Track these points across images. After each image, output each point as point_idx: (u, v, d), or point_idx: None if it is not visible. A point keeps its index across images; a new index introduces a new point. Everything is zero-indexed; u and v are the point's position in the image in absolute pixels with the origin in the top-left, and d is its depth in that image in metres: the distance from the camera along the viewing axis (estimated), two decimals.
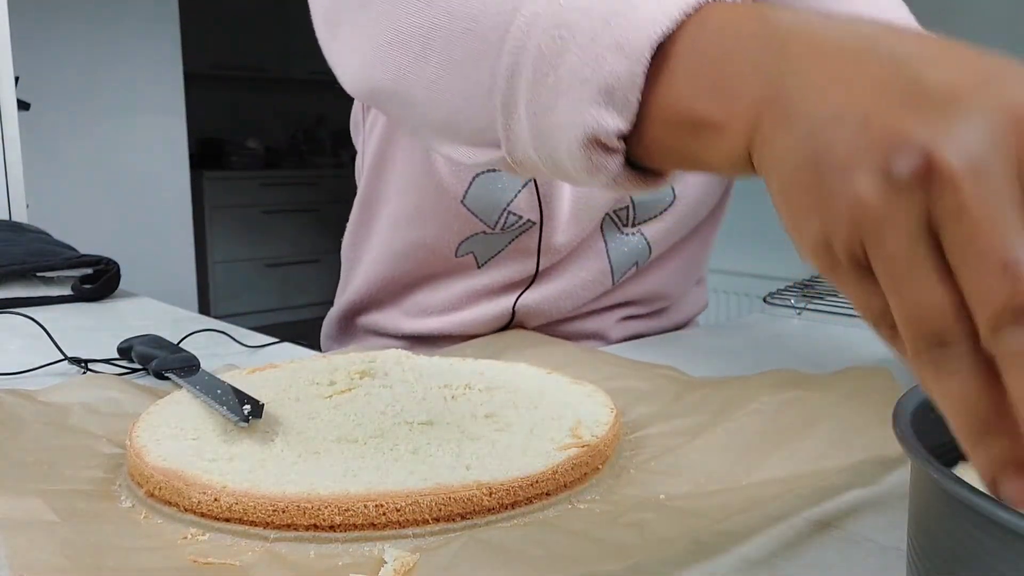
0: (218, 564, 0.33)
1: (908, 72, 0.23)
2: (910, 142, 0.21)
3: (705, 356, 0.70)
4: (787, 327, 0.80)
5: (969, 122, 0.21)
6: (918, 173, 0.21)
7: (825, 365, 0.66)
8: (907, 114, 0.22)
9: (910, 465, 0.27)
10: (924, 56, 0.23)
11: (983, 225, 0.20)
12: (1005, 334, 0.20)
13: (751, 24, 0.28)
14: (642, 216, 0.74)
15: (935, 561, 0.25)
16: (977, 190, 0.21)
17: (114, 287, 1.01)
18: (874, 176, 0.22)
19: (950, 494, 0.23)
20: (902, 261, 0.22)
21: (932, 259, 0.22)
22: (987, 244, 0.20)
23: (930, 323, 0.22)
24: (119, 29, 3.18)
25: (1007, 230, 0.20)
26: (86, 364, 0.64)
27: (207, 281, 4.08)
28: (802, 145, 0.24)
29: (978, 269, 0.21)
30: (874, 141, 0.22)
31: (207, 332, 0.75)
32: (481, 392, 0.50)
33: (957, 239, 0.21)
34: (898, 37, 0.25)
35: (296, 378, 0.52)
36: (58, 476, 0.41)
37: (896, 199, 0.22)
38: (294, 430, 0.43)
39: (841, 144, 0.23)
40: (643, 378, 0.56)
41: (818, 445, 0.42)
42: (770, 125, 0.26)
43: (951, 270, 0.21)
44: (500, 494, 0.37)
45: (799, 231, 0.26)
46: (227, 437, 0.42)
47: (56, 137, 3.07)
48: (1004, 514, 0.21)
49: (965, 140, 0.21)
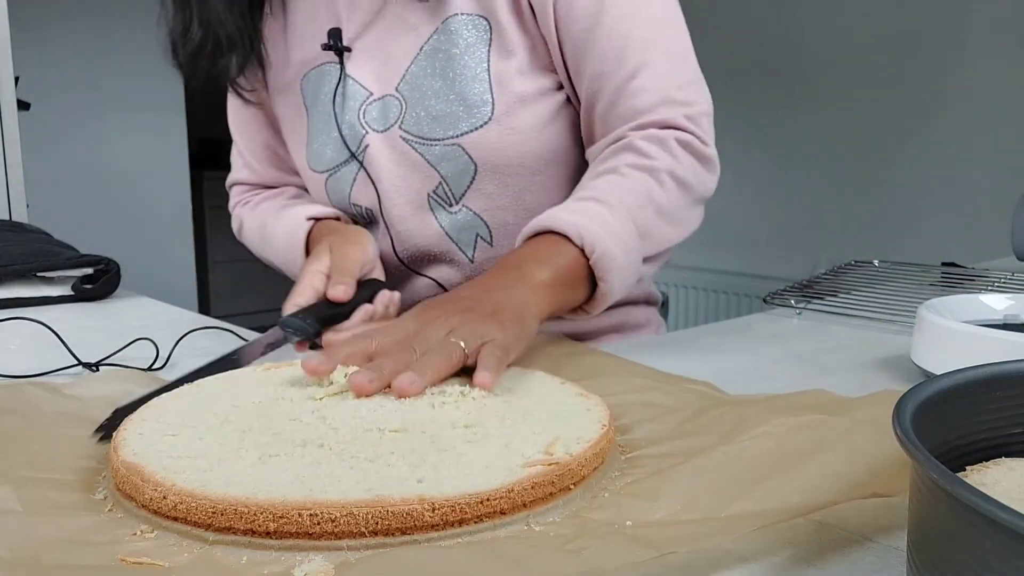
0: (147, 564, 0.33)
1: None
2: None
3: (705, 356, 0.70)
4: (787, 327, 0.80)
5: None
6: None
7: (825, 365, 0.66)
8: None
9: (910, 465, 0.27)
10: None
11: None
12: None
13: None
14: (458, 191, 0.80)
15: (935, 561, 0.25)
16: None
17: (114, 287, 1.01)
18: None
19: (950, 494, 0.23)
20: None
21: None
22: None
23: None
24: (119, 29, 3.18)
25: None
26: (96, 367, 0.64)
27: (207, 281, 4.08)
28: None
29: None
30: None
31: (208, 330, 0.75)
32: (475, 400, 0.48)
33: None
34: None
35: (300, 377, 0.52)
36: (50, 465, 0.43)
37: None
38: (269, 431, 0.43)
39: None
40: (671, 393, 0.53)
41: (811, 478, 0.38)
42: None
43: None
44: (444, 510, 0.35)
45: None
46: (203, 434, 0.43)
47: (56, 137, 3.07)
48: (1004, 514, 0.21)
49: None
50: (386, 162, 0.81)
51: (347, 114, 0.82)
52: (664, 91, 0.73)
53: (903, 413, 0.28)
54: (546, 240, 0.65)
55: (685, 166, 0.72)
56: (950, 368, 0.32)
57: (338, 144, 0.83)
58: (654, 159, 0.71)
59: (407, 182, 0.81)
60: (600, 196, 0.68)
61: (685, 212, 0.74)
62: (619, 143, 0.73)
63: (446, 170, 0.79)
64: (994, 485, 0.31)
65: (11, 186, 1.67)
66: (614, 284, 0.66)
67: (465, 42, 0.76)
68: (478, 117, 0.76)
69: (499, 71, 0.76)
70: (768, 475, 0.38)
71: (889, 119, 2.66)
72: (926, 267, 1.06)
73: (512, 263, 0.64)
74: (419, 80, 0.78)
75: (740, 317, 0.87)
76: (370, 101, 0.81)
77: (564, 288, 0.64)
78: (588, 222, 0.64)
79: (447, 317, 0.55)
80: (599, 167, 0.73)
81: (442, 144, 0.78)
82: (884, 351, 0.69)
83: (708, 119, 0.76)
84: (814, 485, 0.37)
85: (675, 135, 0.72)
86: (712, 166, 0.75)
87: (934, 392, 0.30)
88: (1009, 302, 0.65)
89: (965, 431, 0.32)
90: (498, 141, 0.77)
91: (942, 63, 2.52)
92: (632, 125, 0.73)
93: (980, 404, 0.32)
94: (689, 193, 0.73)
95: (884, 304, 0.85)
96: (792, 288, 0.91)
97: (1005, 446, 0.33)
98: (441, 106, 0.77)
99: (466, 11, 0.76)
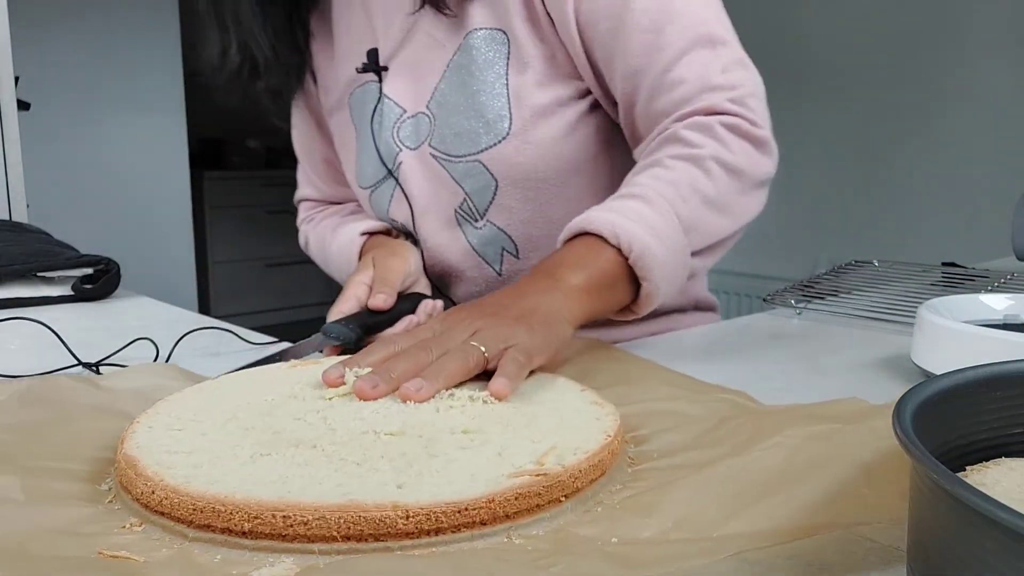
0: (123, 558, 0.33)
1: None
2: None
3: (705, 356, 0.70)
4: (787, 327, 0.80)
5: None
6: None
7: (825, 365, 0.66)
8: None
9: (911, 465, 0.27)
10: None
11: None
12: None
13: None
14: (481, 207, 0.80)
15: (935, 561, 0.25)
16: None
17: (114, 287, 1.01)
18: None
19: (950, 494, 0.23)
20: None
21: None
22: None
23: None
24: (119, 29, 3.18)
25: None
26: (97, 367, 0.64)
27: (207, 281, 4.08)
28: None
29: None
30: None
31: (208, 330, 0.75)
32: (482, 404, 0.46)
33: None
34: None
35: (317, 376, 0.51)
36: (66, 455, 0.44)
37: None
38: (271, 430, 0.43)
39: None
40: (699, 402, 0.51)
41: (815, 495, 0.36)
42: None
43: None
44: (419, 518, 0.34)
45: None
46: (207, 430, 0.43)
47: (56, 137, 3.07)
48: (1004, 514, 0.21)
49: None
50: (418, 179, 0.82)
51: (384, 132, 0.83)
52: (704, 78, 0.69)
53: (903, 413, 0.28)
54: (583, 242, 0.63)
55: (735, 151, 0.68)
56: (950, 368, 0.32)
57: (376, 161, 0.84)
58: (698, 147, 0.67)
59: (436, 198, 0.82)
60: (639, 192, 0.65)
61: (738, 199, 0.69)
62: (662, 135, 0.70)
63: (469, 186, 0.79)
64: (994, 485, 0.31)
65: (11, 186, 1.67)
66: (659, 283, 0.63)
67: (484, 58, 0.76)
68: (496, 133, 0.76)
69: (517, 85, 0.75)
70: (771, 491, 0.37)
71: (889, 119, 2.66)
72: (926, 267, 1.06)
73: (545, 268, 0.62)
74: (446, 97, 0.78)
75: (740, 317, 0.87)
76: (404, 119, 0.81)
77: (602, 291, 0.61)
78: (623, 220, 0.62)
79: (472, 320, 0.54)
80: (643, 162, 0.70)
81: (464, 161, 0.78)
82: (884, 351, 0.69)
83: (757, 99, 0.71)
84: (815, 505, 0.36)
85: (720, 120, 0.69)
86: (767, 148, 0.71)
87: (934, 392, 0.30)
88: (1009, 302, 0.65)
89: (965, 431, 0.32)
90: (516, 156, 0.76)
91: (942, 63, 2.52)
92: (675, 116, 0.70)
93: (980, 404, 0.32)
94: (741, 179, 0.69)
95: (884, 304, 0.85)
96: (792, 288, 0.91)
97: (1005, 446, 0.33)
98: (463, 123, 0.77)
99: (484, 25, 0.75)
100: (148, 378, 0.58)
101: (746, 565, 0.32)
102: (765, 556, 0.33)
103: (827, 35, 2.78)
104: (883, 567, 0.33)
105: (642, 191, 0.65)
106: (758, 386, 0.55)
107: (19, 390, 0.53)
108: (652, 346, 0.74)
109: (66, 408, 0.52)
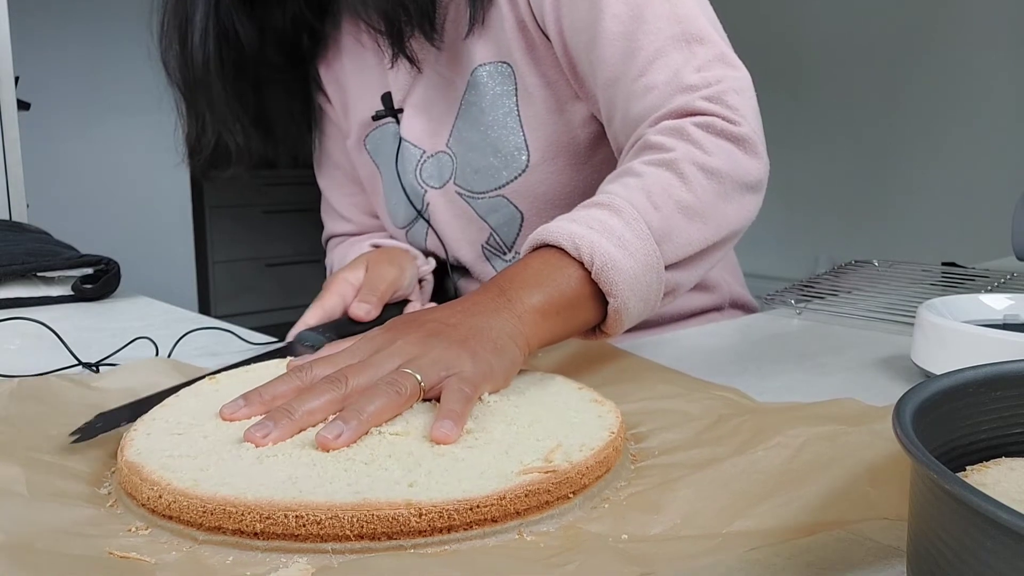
0: (133, 559, 0.33)
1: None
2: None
3: (705, 356, 0.70)
4: (787, 327, 0.80)
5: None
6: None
7: (825, 365, 0.66)
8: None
9: (910, 465, 0.27)
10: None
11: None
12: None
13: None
14: (508, 240, 0.81)
15: (935, 561, 0.25)
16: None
17: (114, 287, 1.01)
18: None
19: (950, 494, 0.23)
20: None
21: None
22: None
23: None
24: (119, 29, 3.18)
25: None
26: (96, 367, 0.64)
27: (207, 281, 4.07)
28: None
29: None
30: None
31: (208, 330, 0.75)
32: (482, 403, 0.46)
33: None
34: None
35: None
36: (63, 451, 0.44)
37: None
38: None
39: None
40: (696, 400, 0.51)
41: (821, 494, 0.36)
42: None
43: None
44: (431, 516, 0.34)
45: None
46: (208, 432, 0.43)
47: (56, 137, 3.07)
48: (1004, 514, 0.21)
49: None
50: (447, 216, 0.82)
51: (407, 174, 0.83)
52: (676, 80, 0.65)
53: (903, 413, 0.28)
54: (542, 255, 0.56)
55: (710, 151, 0.62)
56: (950, 368, 0.32)
57: (406, 203, 0.85)
58: (670, 150, 0.61)
59: (465, 234, 0.83)
60: (606, 200, 0.59)
61: (718, 205, 0.62)
62: (637, 144, 0.65)
63: (495, 221, 0.80)
64: (994, 485, 0.31)
65: (11, 186, 1.67)
66: (627, 299, 0.56)
67: (492, 93, 0.75)
68: (516, 167, 0.76)
69: (529, 117, 0.75)
70: (776, 490, 0.37)
71: (889, 119, 2.66)
72: (926, 267, 1.06)
73: (499, 285, 0.54)
74: (463, 135, 0.78)
75: (740, 317, 0.87)
76: (424, 159, 0.82)
77: (562, 311, 0.55)
78: (585, 230, 0.55)
79: (407, 342, 0.47)
80: (616, 170, 0.64)
81: (487, 196, 0.78)
82: (884, 351, 0.69)
83: (738, 95, 0.65)
84: (820, 503, 0.36)
85: (693, 120, 0.63)
86: (749, 145, 0.64)
87: (934, 392, 0.30)
88: (1009, 302, 0.65)
89: (965, 431, 0.32)
90: (539, 186, 0.76)
91: (942, 63, 2.52)
92: (648, 122, 0.66)
93: (980, 404, 0.32)
94: (722, 182, 0.62)
95: (884, 304, 0.85)
96: (792, 288, 0.91)
97: (1005, 446, 0.33)
98: (481, 160, 0.77)
99: (488, 60, 0.75)
100: (142, 377, 0.57)
101: (747, 563, 0.32)
102: (765, 555, 0.33)
103: (827, 35, 2.78)
104: (883, 567, 0.33)
105: (609, 199, 0.58)
106: (758, 386, 0.55)
107: (10, 387, 0.53)
108: (652, 346, 0.74)
109: (59, 404, 0.52)
